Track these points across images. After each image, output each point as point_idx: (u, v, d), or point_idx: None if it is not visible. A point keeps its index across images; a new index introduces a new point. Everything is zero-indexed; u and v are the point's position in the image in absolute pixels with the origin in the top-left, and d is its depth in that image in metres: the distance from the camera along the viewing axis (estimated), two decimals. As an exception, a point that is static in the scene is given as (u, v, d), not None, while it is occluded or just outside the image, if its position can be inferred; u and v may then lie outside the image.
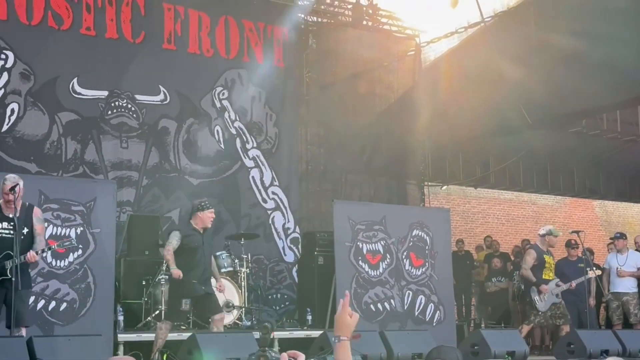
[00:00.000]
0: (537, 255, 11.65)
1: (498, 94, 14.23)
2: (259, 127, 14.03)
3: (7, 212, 7.87)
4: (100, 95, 12.54)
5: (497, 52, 13.63)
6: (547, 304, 11.53)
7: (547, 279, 11.63)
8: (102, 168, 12.41)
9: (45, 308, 9.00)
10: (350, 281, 11.50)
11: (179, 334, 9.64)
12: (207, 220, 9.47)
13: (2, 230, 7.84)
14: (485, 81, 13.94)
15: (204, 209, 9.46)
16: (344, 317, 3.72)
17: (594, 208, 23.62)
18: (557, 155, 18.20)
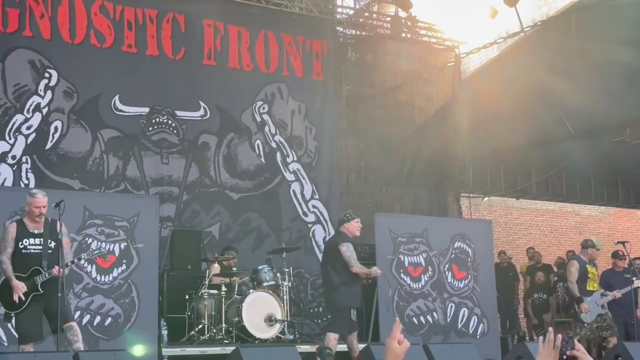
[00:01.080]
0: (580, 266, 11.51)
1: (539, 104, 14.14)
2: (299, 140, 14.06)
3: (32, 228, 8.00)
4: (142, 112, 12.66)
5: (538, 62, 13.55)
6: (592, 315, 11.39)
7: (592, 290, 11.49)
8: (144, 184, 12.51)
9: (91, 323, 9.09)
10: (392, 294, 11.46)
11: (222, 348, 9.66)
12: (354, 229, 9.78)
13: (31, 246, 7.97)
14: (526, 91, 13.86)
15: (349, 220, 9.78)
16: (392, 345, 3.64)
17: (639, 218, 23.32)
18: (601, 165, 18.00)
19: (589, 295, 11.44)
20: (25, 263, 7.90)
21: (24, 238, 7.96)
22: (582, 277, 11.48)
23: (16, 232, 7.97)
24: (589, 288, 11.46)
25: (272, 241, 13.24)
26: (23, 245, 7.95)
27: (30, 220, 8.03)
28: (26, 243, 7.96)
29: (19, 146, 11.63)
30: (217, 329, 10.47)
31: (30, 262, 7.90)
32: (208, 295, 10.66)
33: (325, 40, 14.51)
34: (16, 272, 7.85)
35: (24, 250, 7.95)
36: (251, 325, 10.41)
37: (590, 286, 11.47)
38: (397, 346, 3.58)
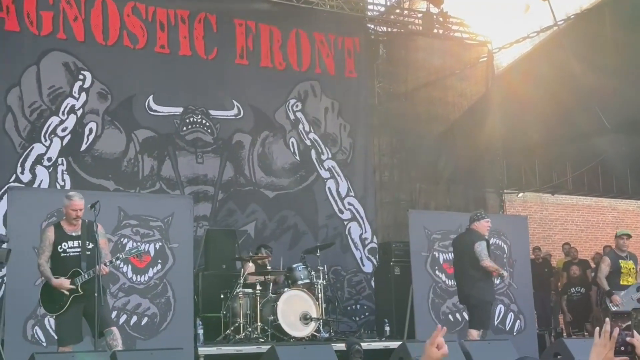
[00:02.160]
0: (612, 261, 11.39)
1: (573, 98, 14.00)
2: (333, 138, 14.08)
3: (70, 231, 8.03)
4: (176, 112, 12.74)
5: (571, 56, 13.41)
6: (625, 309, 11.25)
7: (626, 284, 11.35)
8: (179, 183, 12.59)
9: (127, 323, 9.15)
10: (427, 291, 11.43)
11: (257, 347, 9.68)
12: (483, 229, 10.01)
13: (70, 249, 7.98)
14: (560, 85, 13.73)
15: (479, 219, 10.05)
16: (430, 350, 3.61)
17: (676, 212, 23.04)
18: (637, 159, 17.77)
19: (623, 290, 11.32)
20: (64, 266, 7.91)
21: (62, 242, 7.97)
22: (615, 272, 11.36)
23: (54, 236, 8.00)
24: (623, 282, 11.34)
25: (308, 239, 13.28)
26: (62, 249, 7.96)
27: (68, 223, 8.07)
28: (65, 247, 7.97)
29: (55, 148, 11.76)
30: (252, 328, 10.49)
31: (69, 265, 7.91)
32: (243, 294, 10.69)
33: (357, 37, 14.52)
34: (56, 275, 7.87)
35: (63, 253, 7.95)
36: (286, 324, 10.42)
37: (624, 280, 11.35)
38: (435, 351, 3.54)
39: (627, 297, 11.28)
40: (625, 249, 11.57)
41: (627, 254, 11.55)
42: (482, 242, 9.87)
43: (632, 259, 11.58)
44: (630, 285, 11.37)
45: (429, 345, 3.60)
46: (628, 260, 11.48)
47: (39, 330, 8.81)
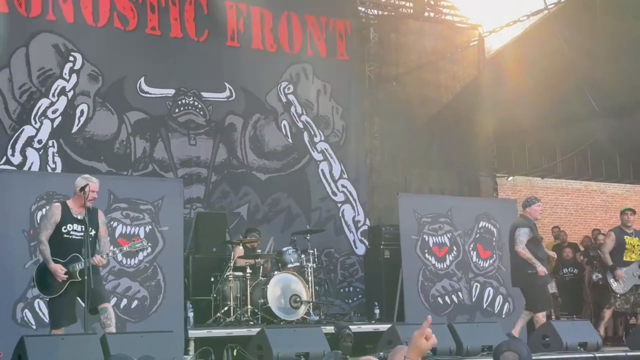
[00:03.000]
0: (617, 237, 11.44)
1: (563, 82, 14.02)
2: (325, 120, 14.10)
3: (76, 214, 7.99)
4: (167, 94, 12.74)
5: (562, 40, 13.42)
6: (626, 286, 11.32)
7: (629, 260, 11.41)
8: (172, 165, 12.61)
9: (117, 306, 9.18)
10: (417, 274, 11.49)
11: (248, 330, 9.74)
12: (535, 213, 10.57)
13: (74, 231, 7.93)
14: (550, 70, 13.74)
15: (530, 204, 10.54)
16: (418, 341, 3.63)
17: (665, 196, 23.12)
18: (626, 143, 17.82)
19: (626, 266, 11.39)
20: (65, 248, 7.85)
21: (67, 222, 7.90)
22: (619, 248, 11.42)
23: (61, 215, 7.93)
24: (626, 259, 11.41)
25: (301, 221, 13.33)
26: (66, 230, 7.89)
27: (75, 203, 7.99)
28: (69, 228, 7.90)
29: (45, 130, 11.74)
30: (242, 311, 10.54)
31: (70, 248, 7.85)
32: (233, 277, 10.74)
33: (348, 20, 14.51)
34: (55, 256, 7.82)
35: (66, 235, 7.89)
36: (276, 307, 10.47)
37: (627, 257, 11.42)
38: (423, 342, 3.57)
39: (629, 274, 11.33)
40: (630, 225, 11.63)
41: (633, 231, 11.60)
42: (524, 228, 10.31)
43: (637, 235, 11.62)
44: (633, 261, 11.43)
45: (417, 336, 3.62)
46: (634, 237, 11.52)
47: (29, 313, 8.83)
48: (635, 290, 11.40)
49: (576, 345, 9.57)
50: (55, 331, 7.88)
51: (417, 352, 3.60)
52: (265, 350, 8.19)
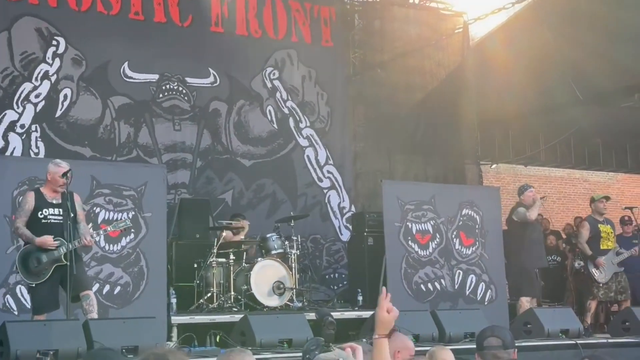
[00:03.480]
0: (591, 226, 11.55)
1: (547, 70, 14.06)
2: (311, 106, 14.10)
3: (51, 199, 7.99)
4: (152, 79, 12.70)
5: (546, 28, 13.45)
6: (607, 274, 11.43)
7: (606, 248, 11.51)
8: (156, 151, 12.58)
9: (100, 291, 9.14)
10: (400, 261, 11.50)
11: (231, 316, 9.74)
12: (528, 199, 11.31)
13: (51, 215, 7.94)
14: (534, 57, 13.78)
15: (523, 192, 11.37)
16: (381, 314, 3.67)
17: (647, 184, 23.26)
18: (609, 131, 17.90)
19: (604, 255, 11.47)
20: (46, 233, 7.86)
21: (43, 208, 7.93)
22: (595, 237, 11.54)
23: (35, 202, 7.94)
24: (603, 247, 11.52)
25: (287, 207, 13.32)
26: (43, 215, 7.91)
27: (50, 190, 8.01)
28: (46, 213, 7.92)
29: (28, 115, 11.67)
30: (225, 297, 10.55)
31: (51, 232, 7.86)
32: (216, 264, 10.73)
33: (332, 6, 14.49)
34: None
35: (44, 220, 7.91)
36: (260, 293, 10.48)
37: (604, 245, 11.54)
38: (386, 315, 3.63)
39: (608, 262, 11.44)
40: (604, 212, 11.72)
41: (605, 219, 11.69)
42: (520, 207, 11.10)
43: (609, 223, 11.73)
44: (609, 249, 11.51)
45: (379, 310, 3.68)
46: (606, 225, 11.62)
47: (11, 299, 8.77)
48: (616, 278, 11.49)
49: (558, 332, 9.65)
50: (37, 317, 7.88)
51: (383, 326, 3.66)
52: (248, 336, 8.21)
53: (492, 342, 5.00)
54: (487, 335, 5.08)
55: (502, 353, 4.94)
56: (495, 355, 4.91)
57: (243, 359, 4.54)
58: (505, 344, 5.00)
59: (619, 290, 11.49)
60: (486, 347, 5.00)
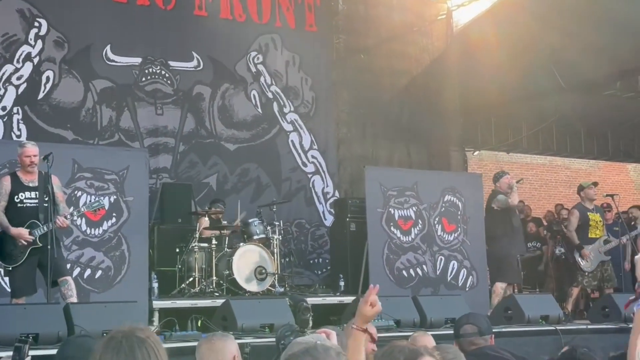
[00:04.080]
0: (581, 214, 11.56)
1: (530, 57, 14.08)
2: (295, 91, 14.07)
3: (27, 182, 7.98)
4: (134, 62, 12.62)
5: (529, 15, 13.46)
6: (593, 263, 11.46)
7: (594, 237, 11.54)
8: (138, 135, 12.51)
9: (81, 275, 9.13)
10: (382, 247, 11.53)
11: (212, 301, 9.74)
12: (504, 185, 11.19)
13: (27, 199, 7.94)
14: (517, 44, 13.79)
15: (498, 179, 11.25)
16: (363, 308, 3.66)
17: (629, 172, 23.38)
18: (591, 119, 17.98)
19: (592, 243, 11.51)
20: (21, 217, 7.89)
21: (19, 191, 7.93)
22: (584, 225, 11.55)
23: (11, 186, 7.93)
24: (591, 235, 11.54)
25: (271, 192, 13.32)
26: (19, 198, 7.92)
27: (24, 172, 8.01)
28: (22, 197, 7.93)
29: (9, 97, 11.60)
30: (207, 282, 10.55)
31: (26, 216, 7.88)
32: (199, 249, 10.73)
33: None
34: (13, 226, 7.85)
35: (19, 204, 7.92)
36: (241, 278, 10.49)
37: (592, 233, 11.55)
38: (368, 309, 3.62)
39: (595, 251, 11.45)
40: (595, 198, 11.76)
41: (594, 207, 11.73)
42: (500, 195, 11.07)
43: (598, 212, 11.76)
44: (597, 238, 11.55)
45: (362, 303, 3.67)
46: (595, 213, 11.65)
47: (-10, 283, 8.77)
48: (602, 266, 11.54)
49: (538, 318, 9.69)
50: (15, 300, 7.86)
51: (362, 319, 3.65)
52: (230, 321, 8.20)
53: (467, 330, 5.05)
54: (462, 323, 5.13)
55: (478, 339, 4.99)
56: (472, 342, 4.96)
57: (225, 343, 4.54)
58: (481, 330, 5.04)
59: (605, 278, 11.53)
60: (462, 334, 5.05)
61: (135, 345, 2.67)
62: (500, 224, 11.10)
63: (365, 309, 3.67)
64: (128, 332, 2.72)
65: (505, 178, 11.21)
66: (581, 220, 11.57)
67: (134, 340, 2.68)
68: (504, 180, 11.17)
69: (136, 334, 2.70)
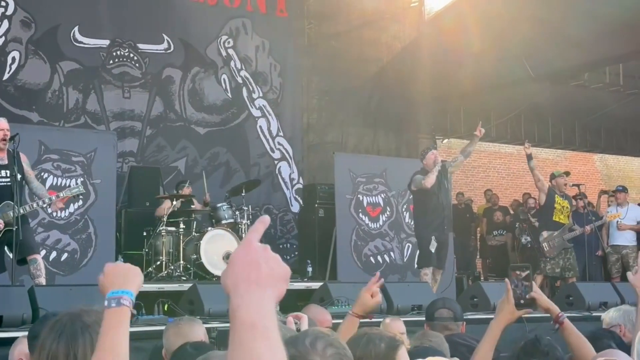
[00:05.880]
0: (549, 194, 11.54)
1: (500, 46, 14.12)
2: (264, 77, 14.01)
3: None
4: (102, 44, 12.47)
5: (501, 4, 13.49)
6: (557, 249, 11.47)
7: (557, 221, 11.55)
8: (104, 118, 12.39)
9: (47, 258, 9.05)
10: (350, 233, 11.56)
11: (179, 285, 9.69)
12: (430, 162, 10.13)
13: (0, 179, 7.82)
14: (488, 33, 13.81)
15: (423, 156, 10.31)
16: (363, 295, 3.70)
17: (595, 162, 23.60)
18: (559, 109, 18.11)
19: (555, 228, 11.51)
20: None
21: None
22: (549, 206, 11.52)
23: None
24: (555, 219, 11.52)
25: (240, 176, 13.26)
26: None
27: None
28: None
29: (-26, 77, 11.43)
30: (175, 266, 10.50)
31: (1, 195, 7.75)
32: (166, 232, 10.67)
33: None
34: None
35: None
36: (209, 263, 10.45)
37: (556, 217, 11.53)
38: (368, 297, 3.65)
39: (559, 238, 11.47)
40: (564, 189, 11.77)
41: (564, 194, 11.75)
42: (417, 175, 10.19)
43: (567, 199, 11.78)
44: (563, 224, 11.56)
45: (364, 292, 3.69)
46: (564, 199, 11.67)
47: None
48: (565, 254, 11.58)
49: (504, 306, 9.73)
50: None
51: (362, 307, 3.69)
52: (197, 305, 8.17)
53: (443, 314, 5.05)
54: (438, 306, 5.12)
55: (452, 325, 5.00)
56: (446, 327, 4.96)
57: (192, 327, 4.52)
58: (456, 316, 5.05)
59: (567, 267, 11.55)
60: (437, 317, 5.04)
61: (79, 330, 2.60)
62: (417, 205, 10.50)
63: (366, 297, 3.72)
64: (74, 316, 2.65)
65: (431, 154, 10.28)
66: (547, 200, 11.57)
67: (78, 326, 2.62)
68: (430, 157, 10.25)
69: (82, 318, 2.63)
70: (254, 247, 1.65)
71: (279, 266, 1.64)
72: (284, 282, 1.63)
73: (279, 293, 1.61)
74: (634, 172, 24.15)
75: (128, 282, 2.44)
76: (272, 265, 1.63)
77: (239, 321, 1.55)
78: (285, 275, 1.64)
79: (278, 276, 1.63)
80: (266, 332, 1.54)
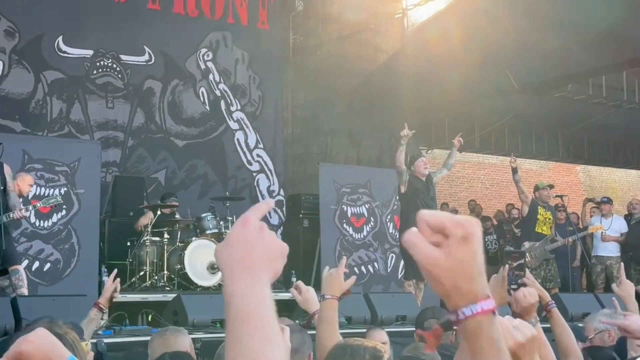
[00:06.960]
0: (532, 205, 11.58)
1: (484, 57, 14.17)
2: (242, 89, 14.00)
3: None
4: (86, 54, 12.46)
5: (484, 15, 13.56)
6: (538, 259, 11.48)
7: (540, 232, 11.57)
8: (88, 128, 12.36)
9: (29, 268, 9.00)
10: (334, 244, 11.55)
11: (163, 295, 9.66)
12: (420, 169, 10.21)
13: None
14: (472, 45, 13.88)
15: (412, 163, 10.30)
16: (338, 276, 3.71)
17: (578, 173, 23.70)
18: (542, 120, 18.19)
19: (537, 239, 11.54)
20: None
21: None
22: (532, 217, 11.57)
23: None
24: (537, 230, 11.55)
25: (218, 189, 13.24)
26: None
27: None
28: None
29: (-43, 87, 11.38)
30: (159, 276, 10.46)
31: None
32: (150, 242, 10.63)
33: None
34: None
35: None
36: (193, 273, 10.41)
37: (539, 228, 11.55)
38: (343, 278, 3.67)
39: (541, 248, 11.50)
40: (548, 201, 11.80)
41: (547, 205, 11.78)
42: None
43: (550, 210, 11.81)
44: (545, 235, 11.59)
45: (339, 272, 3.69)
46: (547, 211, 11.70)
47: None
48: (546, 265, 11.61)
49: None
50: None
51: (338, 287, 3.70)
52: (181, 316, 8.14)
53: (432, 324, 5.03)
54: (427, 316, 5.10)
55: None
56: None
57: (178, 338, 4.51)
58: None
59: (548, 278, 11.57)
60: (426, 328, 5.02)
61: None
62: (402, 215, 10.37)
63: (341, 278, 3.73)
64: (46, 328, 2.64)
65: (419, 161, 10.31)
66: (530, 211, 11.62)
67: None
68: (419, 164, 10.27)
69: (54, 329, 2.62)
70: (251, 227, 1.65)
71: (274, 244, 1.64)
72: (281, 259, 1.63)
73: (275, 272, 1.61)
74: (616, 183, 24.26)
75: None
76: (267, 243, 1.64)
77: (233, 310, 1.55)
78: (282, 252, 1.64)
79: (274, 254, 1.63)
80: (261, 323, 1.53)
